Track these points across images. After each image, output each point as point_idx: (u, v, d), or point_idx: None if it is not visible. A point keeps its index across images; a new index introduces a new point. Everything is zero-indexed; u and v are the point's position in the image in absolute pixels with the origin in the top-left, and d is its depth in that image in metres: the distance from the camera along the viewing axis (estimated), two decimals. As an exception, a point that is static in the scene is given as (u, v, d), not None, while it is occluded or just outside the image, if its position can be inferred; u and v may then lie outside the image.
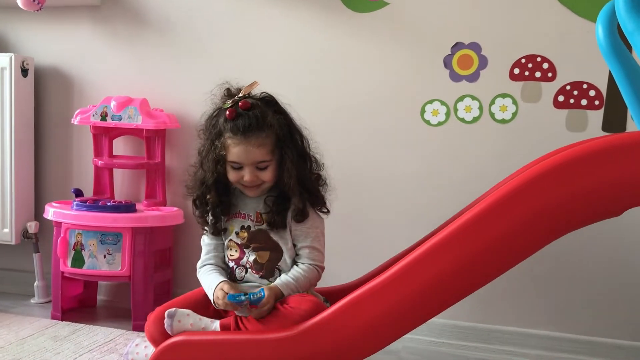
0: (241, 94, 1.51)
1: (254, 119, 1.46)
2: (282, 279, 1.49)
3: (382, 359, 1.40)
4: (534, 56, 1.92)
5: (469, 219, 1.27)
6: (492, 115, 1.97)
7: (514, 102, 1.94)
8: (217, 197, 1.52)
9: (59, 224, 2.09)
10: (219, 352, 1.39)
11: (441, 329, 2.00)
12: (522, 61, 1.93)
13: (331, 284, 1.71)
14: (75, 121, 2.22)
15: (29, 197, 2.34)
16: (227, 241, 1.56)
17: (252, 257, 1.53)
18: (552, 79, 1.91)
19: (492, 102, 1.96)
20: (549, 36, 1.90)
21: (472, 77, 1.97)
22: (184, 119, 2.22)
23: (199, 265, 1.58)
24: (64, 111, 2.37)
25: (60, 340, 1.92)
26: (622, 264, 1.89)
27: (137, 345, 1.59)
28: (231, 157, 1.48)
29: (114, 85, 2.29)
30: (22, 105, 2.30)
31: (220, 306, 1.45)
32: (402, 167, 2.04)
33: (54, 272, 2.12)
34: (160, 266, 2.14)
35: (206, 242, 1.59)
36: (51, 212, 2.11)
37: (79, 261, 2.06)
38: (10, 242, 2.29)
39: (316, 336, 1.34)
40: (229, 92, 1.53)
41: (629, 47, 1.57)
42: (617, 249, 1.89)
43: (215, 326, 1.44)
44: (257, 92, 1.54)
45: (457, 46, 1.98)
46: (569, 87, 1.90)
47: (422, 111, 2.02)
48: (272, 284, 1.48)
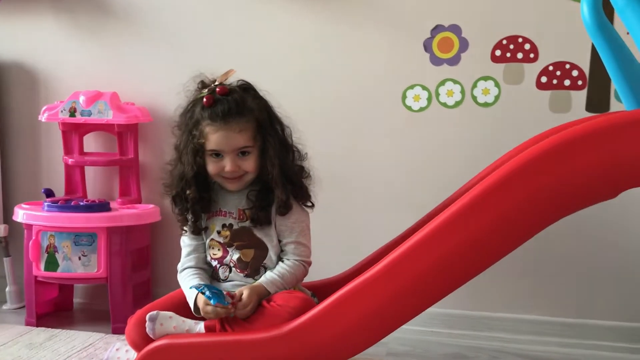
0: (217, 83, 1.45)
1: (234, 103, 1.40)
2: (267, 277, 1.43)
3: (371, 351, 1.36)
4: (516, 37, 1.89)
5: (459, 208, 1.23)
6: (474, 98, 1.93)
7: (497, 85, 1.91)
8: (197, 193, 1.45)
9: (30, 227, 2.02)
10: (205, 355, 1.33)
11: (430, 317, 1.97)
12: (504, 42, 1.90)
13: (316, 277, 1.66)
14: (42, 118, 2.14)
15: (-4, 200, 2.26)
16: (208, 240, 1.50)
17: (236, 256, 1.48)
18: (534, 59, 1.88)
19: (474, 86, 1.93)
20: (530, 16, 1.87)
21: (453, 61, 1.93)
22: (157, 112, 2.15)
23: (179, 268, 1.52)
24: (30, 108, 2.28)
25: (35, 347, 1.85)
26: (608, 245, 1.88)
27: (117, 349, 1.53)
28: (211, 145, 1.41)
29: (82, 79, 2.21)
30: (-15, 103, 2.21)
31: (210, 314, 1.36)
32: (385, 154, 2.00)
33: (26, 277, 2.04)
34: (138, 266, 2.08)
35: (186, 243, 1.52)
36: (21, 214, 2.04)
37: (52, 264, 1.99)
38: (-22, 247, 2.20)
39: (306, 334, 1.30)
40: (203, 84, 1.47)
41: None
42: (603, 230, 1.88)
43: (199, 328, 1.38)
44: (233, 80, 1.48)
45: (437, 29, 1.94)
46: (551, 68, 1.87)
47: (404, 97, 1.98)
48: (255, 282, 1.43)
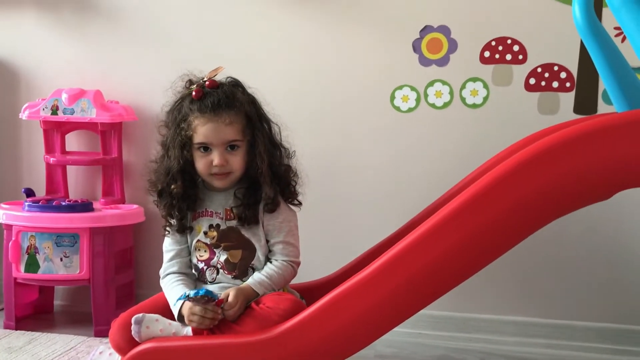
0: (205, 79, 1.43)
1: (223, 95, 1.39)
2: (255, 278, 1.41)
3: (358, 353, 1.35)
4: (504, 38, 1.89)
5: (451, 210, 1.22)
6: (463, 100, 1.93)
7: (485, 86, 1.91)
8: (183, 188, 1.42)
9: (10, 227, 1.97)
10: (193, 358, 1.31)
11: (417, 319, 1.93)
12: (493, 44, 1.89)
13: (304, 279, 1.64)
14: (23, 116, 2.09)
15: (-26, 199, 2.20)
16: (194, 242, 1.47)
17: (223, 257, 1.45)
18: (523, 61, 1.88)
19: (463, 87, 1.92)
20: (519, 18, 1.87)
21: (442, 61, 1.93)
22: (142, 111, 2.12)
23: (161, 273, 1.48)
24: (10, 105, 2.23)
25: (15, 351, 1.80)
26: (594, 247, 1.89)
27: (101, 353, 1.50)
28: (199, 137, 1.39)
29: (64, 76, 2.16)
30: (-36, 100, 2.15)
31: (194, 322, 1.32)
32: (373, 155, 1.99)
33: (5, 279, 2.00)
34: (121, 267, 2.05)
35: (168, 248, 1.48)
36: (0, 214, 1.99)
37: (33, 266, 1.95)
38: (-45, 248, 2.14)
39: (296, 337, 1.28)
40: (191, 82, 1.46)
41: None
42: (589, 232, 1.88)
43: (187, 331, 1.35)
44: (221, 77, 1.47)
45: (426, 30, 1.93)
46: (540, 70, 1.87)
47: (392, 97, 1.97)
48: (243, 284, 1.40)
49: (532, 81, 1.88)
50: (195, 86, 1.42)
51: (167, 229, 1.47)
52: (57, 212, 1.94)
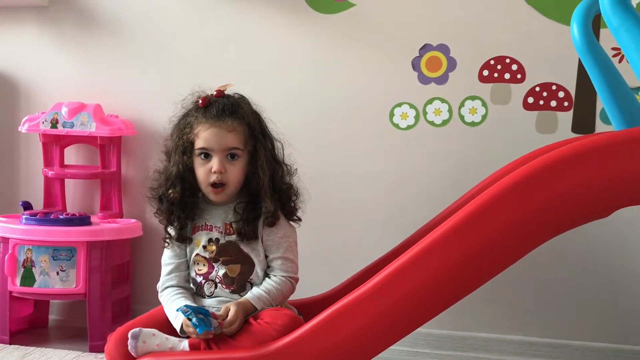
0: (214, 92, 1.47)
1: (228, 104, 1.42)
2: (254, 292, 1.41)
3: (355, 371, 1.34)
4: (503, 57, 1.90)
5: (448, 228, 1.22)
6: (461, 117, 1.94)
7: (484, 105, 1.92)
8: (181, 195, 1.42)
9: (6, 240, 1.96)
10: (189, 374, 1.29)
11: (415, 338, 1.95)
12: (491, 63, 1.91)
13: (302, 295, 1.63)
14: (22, 129, 2.10)
15: (-29, 212, 2.19)
16: (193, 255, 1.46)
17: (221, 272, 1.44)
18: (522, 80, 1.89)
19: (462, 105, 1.93)
20: (518, 37, 1.89)
21: (441, 80, 1.94)
22: (141, 125, 2.12)
23: (159, 287, 1.48)
24: (10, 119, 2.23)
25: (9, 365, 1.79)
26: (593, 266, 1.88)
27: (96, 368, 1.48)
28: (200, 143, 1.41)
29: (64, 90, 2.17)
30: (-37, 112, 2.16)
31: (193, 334, 1.32)
32: (372, 172, 1.99)
33: (0, 292, 1.97)
34: (117, 282, 2.04)
35: (167, 262, 1.48)
36: (-3, 227, 1.98)
37: (29, 279, 1.93)
38: (-49, 261, 2.13)
39: (293, 354, 1.26)
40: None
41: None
42: (588, 252, 1.88)
43: (183, 346, 1.34)
44: (229, 93, 1.50)
45: (425, 48, 1.94)
46: (538, 89, 1.89)
47: (391, 115, 1.98)
48: (242, 298, 1.40)
49: (531, 100, 1.89)
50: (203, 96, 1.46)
51: (167, 240, 1.47)
52: (55, 225, 1.94)
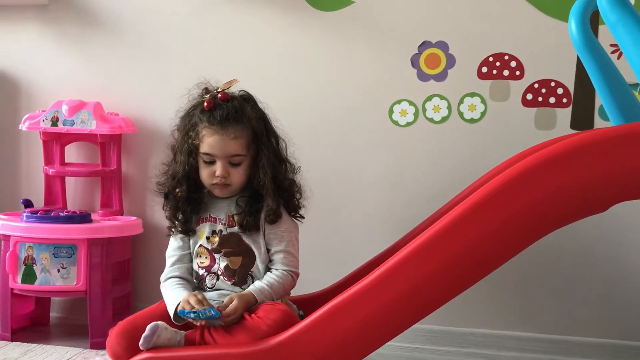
0: (219, 90, 1.48)
1: (233, 110, 1.44)
2: (256, 285, 1.43)
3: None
4: (502, 54, 1.90)
5: (446, 223, 1.23)
6: (461, 114, 1.94)
7: (483, 101, 1.92)
8: (187, 192, 1.46)
9: (8, 237, 1.96)
10: (190, 368, 1.30)
11: (414, 334, 1.95)
12: (490, 59, 1.91)
13: (302, 291, 1.64)
14: (23, 127, 2.10)
15: (-28, 210, 2.20)
16: (196, 247, 1.49)
17: (223, 264, 1.47)
18: (520, 77, 1.90)
19: (461, 102, 1.94)
20: (516, 34, 1.89)
21: (440, 77, 1.95)
22: (141, 123, 2.13)
23: (162, 278, 1.50)
24: (10, 117, 2.23)
25: (10, 362, 1.80)
26: (594, 261, 1.89)
27: (96, 364, 1.49)
28: (204, 148, 1.44)
29: (65, 88, 2.17)
30: (-36, 111, 2.16)
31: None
32: (372, 169, 2.00)
33: (2, 290, 1.98)
34: (118, 279, 2.04)
35: (171, 254, 1.52)
36: (-2, 224, 1.99)
37: (30, 276, 1.94)
38: (-48, 258, 2.13)
39: (293, 348, 1.28)
40: (207, 90, 1.51)
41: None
42: (588, 246, 1.88)
43: (180, 337, 1.37)
44: (235, 89, 1.52)
45: (425, 45, 1.95)
46: (537, 85, 1.89)
47: (390, 112, 1.98)
48: (245, 291, 1.41)
49: (529, 97, 1.90)
50: (208, 96, 1.47)
51: (172, 229, 1.51)
52: (55, 223, 1.94)
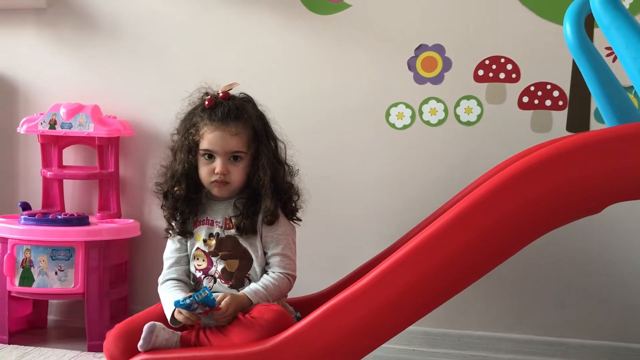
0: (220, 92, 1.50)
1: (233, 107, 1.45)
2: (251, 287, 1.43)
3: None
4: (498, 57, 1.91)
5: (441, 225, 1.24)
6: (457, 117, 1.95)
7: (479, 104, 1.93)
8: (186, 192, 1.46)
9: (5, 240, 1.97)
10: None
11: (411, 336, 1.96)
12: (486, 62, 1.92)
13: (299, 293, 1.64)
14: (21, 130, 2.10)
15: (-30, 213, 2.20)
16: (194, 250, 1.50)
17: (220, 267, 1.47)
18: (516, 80, 1.91)
19: (457, 104, 1.94)
20: (512, 37, 1.90)
21: (437, 80, 1.95)
22: (139, 126, 2.13)
23: (160, 280, 1.51)
24: (8, 120, 2.24)
25: (8, 365, 1.80)
26: (591, 263, 1.89)
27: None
28: (204, 144, 1.45)
29: (62, 91, 2.17)
30: (-38, 114, 2.16)
31: (182, 320, 1.36)
32: (368, 172, 2.00)
33: (-1, 292, 1.99)
34: (116, 282, 2.04)
35: (168, 256, 1.52)
36: (-4, 227, 1.99)
37: (27, 279, 1.94)
38: (-50, 261, 2.14)
39: (290, 350, 1.28)
40: (207, 94, 1.52)
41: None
42: (584, 248, 1.89)
43: (177, 338, 1.37)
44: (235, 92, 1.53)
45: (421, 48, 1.96)
46: (533, 88, 1.90)
47: (387, 115, 1.99)
48: (239, 292, 1.42)
49: (525, 99, 1.91)
50: (209, 96, 1.48)
51: (169, 232, 1.51)
52: (53, 225, 1.94)
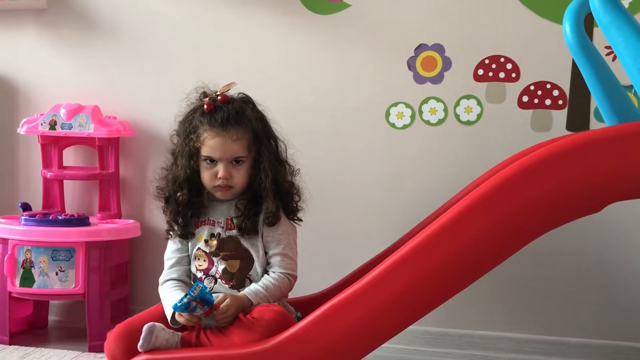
0: (218, 93, 1.49)
1: (233, 112, 1.45)
2: (252, 288, 1.43)
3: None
4: (498, 57, 1.91)
5: (442, 224, 1.24)
6: (457, 117, 1.95)
7: (479, 104, 1.93)
8: (189, 197, 1.46)
9: (6, 241, 1.97)
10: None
11: (412, 335, 1.96)
12: (486, 62, 1.92)
13: (300, 293, 1.64)
14: (21, 131, 2.11)
15: (-29, 213, 2.20)
16: (195, 250, 1.50)
17: (221, 267, 1.47)
18: (516, 79, 1.91)
19: (457, 104, 1.95)
20: (512, 37, 1.90)
21: (437, 79, 1.95)
22: (139, 127, 2.13)
23: (161, 280, 1.51)
24: (8, 120, 2.24)
25: (9, 365, 1.80)
26: (591, 262, 1.89)
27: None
28: (206, 151, 1.45)
29: (63, 92, 2.18)
30: (-38, 115, 2.16)
31: (183, 322, 1.36)
32: (369, 171, 2.00)
33: (0, 293, 1.98)
34: (116, 282, 2.04)
35: (169, 256, 1.52)
36: (-3, 228, 1.99)
37: (28, 280, 1.94)
38: (-50, 262, 2.14)
39: (290, 349, 1.28)
40: (205, 94, 1.51)
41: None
42: (585, 247, 1.89)
43: (177, 339, 1.37)
44: (234, 92, 1.52)
45: (421, 48, 1.96)
46: (532, 87, 1.90)
47: (387, 114, 1.99)
48: (239, 293, 1.42)
49: (525, 99, 1.91)
50: (207, 99, 1.48)
51: (170, 233, 1.51)
52: (54, 226, 1.94)
